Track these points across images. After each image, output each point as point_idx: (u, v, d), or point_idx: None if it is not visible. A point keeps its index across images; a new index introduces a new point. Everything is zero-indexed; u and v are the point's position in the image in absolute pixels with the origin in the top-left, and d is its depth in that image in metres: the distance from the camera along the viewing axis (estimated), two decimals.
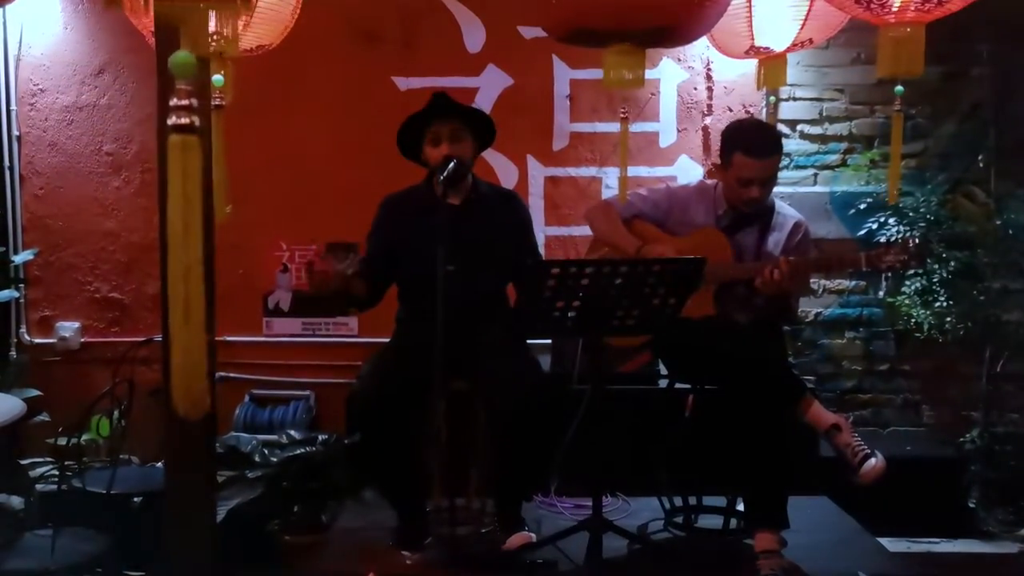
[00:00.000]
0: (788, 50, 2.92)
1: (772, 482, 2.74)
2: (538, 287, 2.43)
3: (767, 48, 2.89)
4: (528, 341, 3.07)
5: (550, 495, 3.38)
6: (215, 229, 3.21)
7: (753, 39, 2.86)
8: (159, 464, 3.56)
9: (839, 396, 4.23)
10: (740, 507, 3.02)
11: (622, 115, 2.33)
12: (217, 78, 1.81)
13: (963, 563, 3.68)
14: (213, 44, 2.44)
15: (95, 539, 2.80)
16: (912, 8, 2.01)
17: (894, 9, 2.03)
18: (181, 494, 2.23)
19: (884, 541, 3.58)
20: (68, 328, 4.19)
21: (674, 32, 2.12)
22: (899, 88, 2.26)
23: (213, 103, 1.83)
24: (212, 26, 2.31)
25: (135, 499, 3.37)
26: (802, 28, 2.81)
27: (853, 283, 4.20)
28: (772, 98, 3.83)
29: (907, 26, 2.01)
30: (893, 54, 2.04)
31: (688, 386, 3.11)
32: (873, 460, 2.64)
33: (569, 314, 2.52)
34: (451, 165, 2.78)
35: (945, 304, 4.00)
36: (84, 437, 3.89)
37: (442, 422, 3.02)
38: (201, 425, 2.27)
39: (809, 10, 2.76)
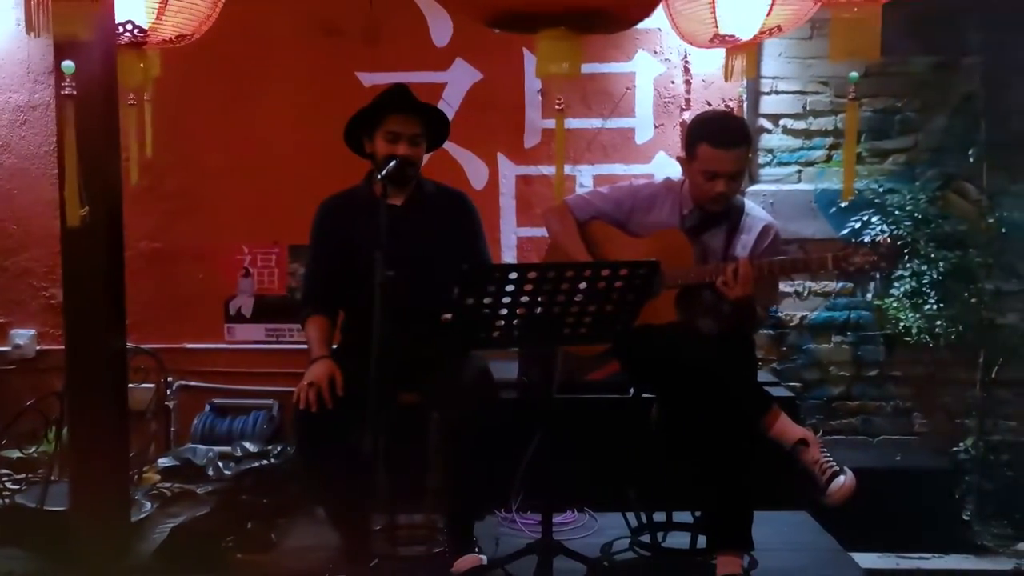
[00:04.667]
0: (755, 39, 2.74)
1: (735, 501, 2.57)
2: (477, 294, 2.26)
3: (732, 36, 2.72)
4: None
5: (511, 511, 3.21)
6: (167, 232, 3.06)
7: (717, 27, 2.68)
8: None
9: (826, 403, 4.05)
10: None
11: (558, 107, 2.16)
12: (67, 64, 1.64)
13: None
14: (127, 35, 2.31)
15: (21, 559, 2.67)
16: None
17: None
18: (88, 514, 2.11)
19: (872, 556, 3.43)
20: (23, 335, 4.06)
21: (608, 15, 1.95)
22: (853, 75, 2.08)
23: (64, 92, 1.66)
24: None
25: None
26: (769, 14, 2.63)
27: (840, 285, 4.02)
28: (741, 90, 3.64)
29: (859, 7, 1.83)
30: (846, 37, 1.86)
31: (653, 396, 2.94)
32: (842, 478, 2.46)
33: (515, 322, 2.36)
34: (391, 164, 2.63)
35: (936, 307, 3.83)
36: (37, 449, 3.76)
37: (390, 437, 2.87)
38: (109, 443, 2.15)
39: None
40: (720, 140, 2.65)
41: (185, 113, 3.88)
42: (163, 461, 3.63)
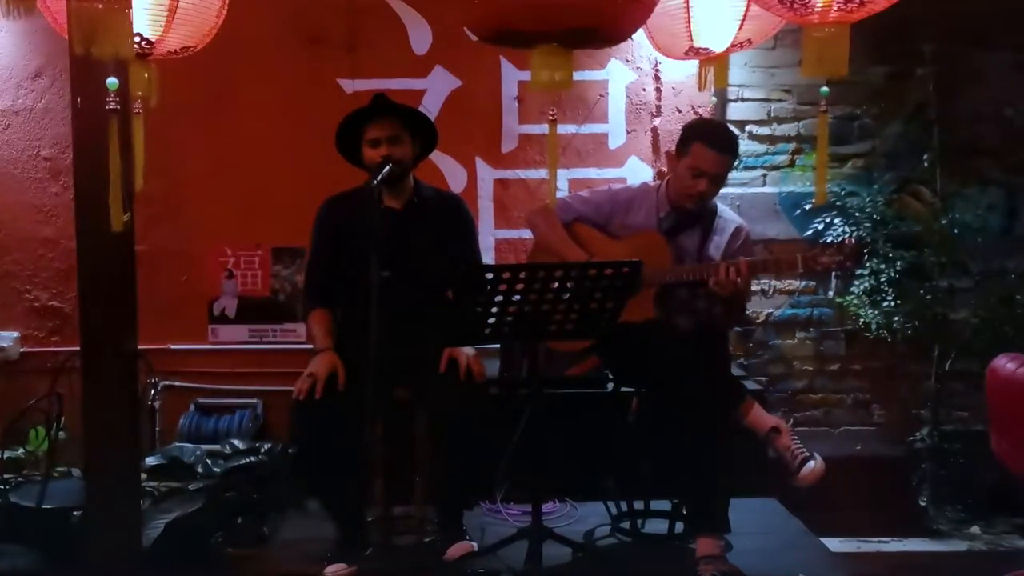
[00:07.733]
0: (728, 51, 2.89)
1: (713, 487, 2.72)
2: (472, 293, 2.40)
3: (706, 49, 2.87)
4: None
5: (496, 502, 3.33)
6: (150, 235, 3.11)
7: (692, 40, 2.83)
8: None
9: (790, 396, 4.22)
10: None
11: (550, 117, 2.30)
12: (111, 81, 1.74)
13: (911, 562, 3.68)
14: (135, 47, 2.40)
15: (23, 556, 2.73)
16: (835, 8, 2.00)
17: (817, 9, 2.01)
18: (102, 508, 2.19)
19: (835, 541, 3.59)
20: (6, 338, 4.08)
21: (600, 33, 2.10)
22: (824, 89, 2.25)
23: (109, 107, 1.76)
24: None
25: (74, 512, 3.28)
26: (740, 29, 2.79)
27: (803, 283, 4.20)
28: (714, 99, 3.82)
29: (830, 27, 2.00)
30: (817, 55, 2.02)
31: (633, 390, 3.09)
32: (812, 463, 2.63)
33: (506, 320, 2.50)
34: (386, 169, 2.74)
35: (893, 304, 4.01)
36: (22, 449, 3.80)
37: (383, 431, 2.99)
38: (122, 439, 2.24)
39: (746, 11, 2.74)
40: (715, 143, 2.82)
41: (169, 118, 3.92)
42: (150, 460, 3.68)
